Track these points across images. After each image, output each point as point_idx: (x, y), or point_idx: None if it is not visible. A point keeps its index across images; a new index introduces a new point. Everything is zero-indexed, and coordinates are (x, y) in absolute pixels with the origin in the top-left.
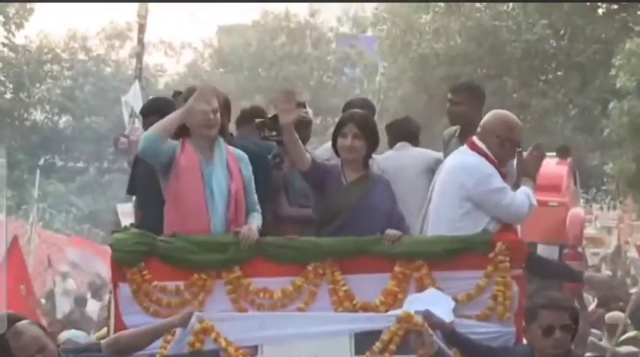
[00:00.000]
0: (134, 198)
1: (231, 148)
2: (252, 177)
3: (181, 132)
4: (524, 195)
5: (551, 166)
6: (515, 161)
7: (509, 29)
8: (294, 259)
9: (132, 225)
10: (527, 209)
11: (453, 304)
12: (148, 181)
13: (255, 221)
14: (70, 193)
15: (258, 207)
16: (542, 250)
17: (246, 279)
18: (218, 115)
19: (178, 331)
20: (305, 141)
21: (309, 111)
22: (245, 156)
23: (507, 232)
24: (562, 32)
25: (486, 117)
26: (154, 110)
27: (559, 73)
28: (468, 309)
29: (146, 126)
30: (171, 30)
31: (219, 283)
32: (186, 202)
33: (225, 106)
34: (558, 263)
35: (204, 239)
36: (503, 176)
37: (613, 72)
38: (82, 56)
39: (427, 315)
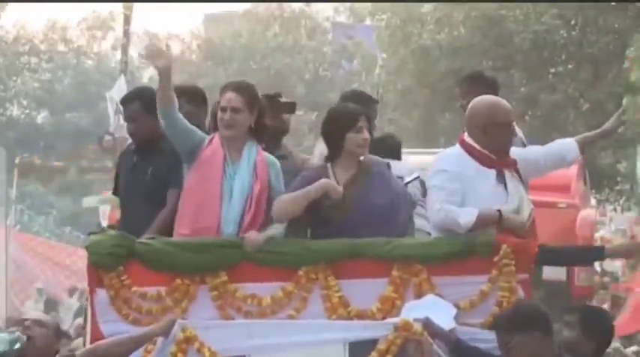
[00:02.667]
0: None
1: (265, 153)
2: (282, 186)
3: (216, 126)
4: (457, 210)
5: None
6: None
7: (517, 19)
8: (284, 263)
9: (110, 226)
10: (442, 219)
11: (454, 311)
12: (130, 178)
13: (272, 231)
14: (49, 194)
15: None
16: None
17: (232, 284)
18: (240, 115)
19: (160, 340)
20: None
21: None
22: (277, 163)
23: (513, 233)
24: (573, 22)
25: (467, 109)
26: (133, 97)
27: (569, 65)
28: (471, 316)
29: (126, 114)
30: (157, 19)
31: (204, 288)
32: (199, 196)
33: (202, 100)
34: (572, 247)
35: (186, 241)
36: (508, 165)
37: (627, 64)
38: (61, 48)
39: (427, 323)
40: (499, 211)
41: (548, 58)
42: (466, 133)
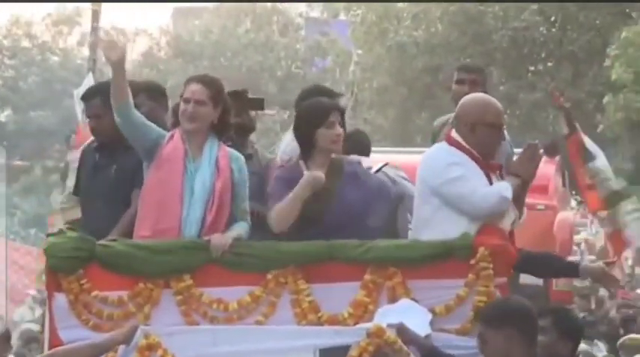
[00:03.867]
0: (62, 199)
1: (228, 149)
2: (247, 182)
3: (176, 121)
4: (494, 187)
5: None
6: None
7: (496, 15)
8: (252, 266)
9: (69, 228)
10: (492, 201)
11: (429, 316)
12: (92, 177)
13: (237, 230)
14: (13, 195)
15: (247, 217)
16: None
17: (197, 289)
18: (204, 108)
19: (121, 347)
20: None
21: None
22: (241, 158)
23: (491, 235)
24: (553, 19)
25: (458, 105)
26: (94, 92)
27: (549, 63)
28: (447, 322)
29: (88, 110)
30: (124, 15)
31: (168, 293)
32: (159, 196)
33: (162, 95)
34: (550, 256)
35: (149, 243)
36: (493, 168)
37: (608, 63)
38: (25, 44)
39: (401, 329)
40: (513, 174)
41: (528, 55)
42: (453, 130)
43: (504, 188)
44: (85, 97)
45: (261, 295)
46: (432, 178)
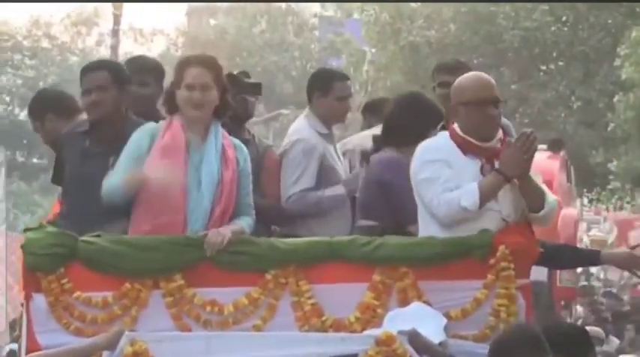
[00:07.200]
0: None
1: (230, 137)
2: (250, 175)
3: (172, 108)
4: (456, 193)
5: (542, 160)
6: None
7: (507, 16)
8: (250, 265)
9: (50, 222)
10: (447, 211)
11: (444, 321)
12: (83, 166)
13: (239, 226)
14: (33, 193)
15: (252, 212)
16: None
17: (189, 289)
18: (211, 93)
19: (105, 354)
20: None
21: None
22: (244, 147)
23: (513, 232)
24: (564, 19)
25: None
26: (99, 65)
27: (560, 63)
28: (464, 327)
29: (91, 82)
30: (142, 15)
31: (157, 294)
32: (162, 187)
33: (158, 74)
34: (567, 247)
35: (136, 239)
36: (496, 154)
37: (618, 62)
38: (45, 44)
39: (413, 335)
40: (497, 170)
41: (539, 55)
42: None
43: (468, 195)
44: (88, 69)
45: (260, 297)
46: (412, 176)
